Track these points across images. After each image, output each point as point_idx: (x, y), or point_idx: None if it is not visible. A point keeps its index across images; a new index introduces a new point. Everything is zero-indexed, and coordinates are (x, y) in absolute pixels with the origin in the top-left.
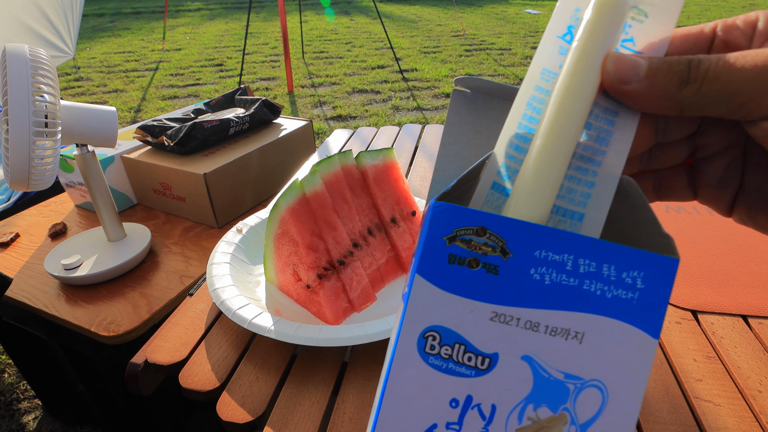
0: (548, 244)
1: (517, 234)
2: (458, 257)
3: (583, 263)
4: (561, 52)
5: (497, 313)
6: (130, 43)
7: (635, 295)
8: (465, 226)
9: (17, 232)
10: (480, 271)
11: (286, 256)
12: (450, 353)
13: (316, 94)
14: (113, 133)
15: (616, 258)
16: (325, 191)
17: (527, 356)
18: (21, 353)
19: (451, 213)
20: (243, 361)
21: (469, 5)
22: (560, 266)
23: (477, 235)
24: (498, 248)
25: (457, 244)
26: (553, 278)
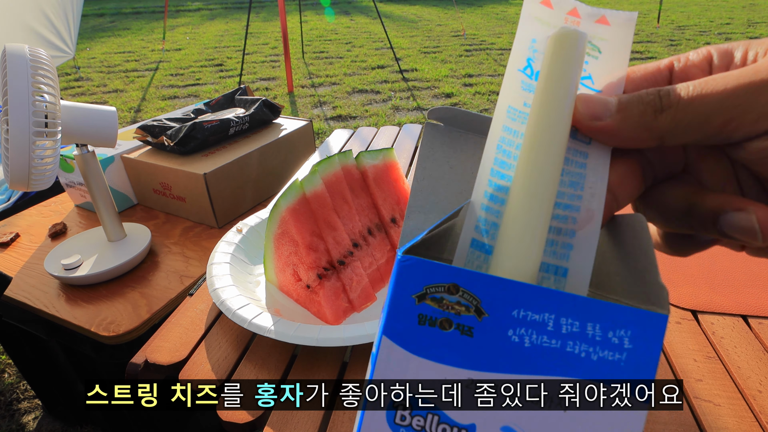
0: (527, 302)
1: (492, 292)
2: (429, 317)
3: (565, 323)
4: (524, 88)
5: (473, 379)
6: (130, 43)
7: (623, 356)
8: (436, 282)
9: (17, 232)
10: (453, 333)
11: (286, 256)
12: (422, 425)
13: (316, 94)
14: (113, 133)
15: (601, 316)
16: (325, 191)
17: (507, 427)
18: (21, 353)
19: (420, 268)
20: (243, 361)
21: (469, 5)
22: (541, 326)
23: (449, 293)
24: (472, 307)
25: (428, 303)
26: (534, 340)
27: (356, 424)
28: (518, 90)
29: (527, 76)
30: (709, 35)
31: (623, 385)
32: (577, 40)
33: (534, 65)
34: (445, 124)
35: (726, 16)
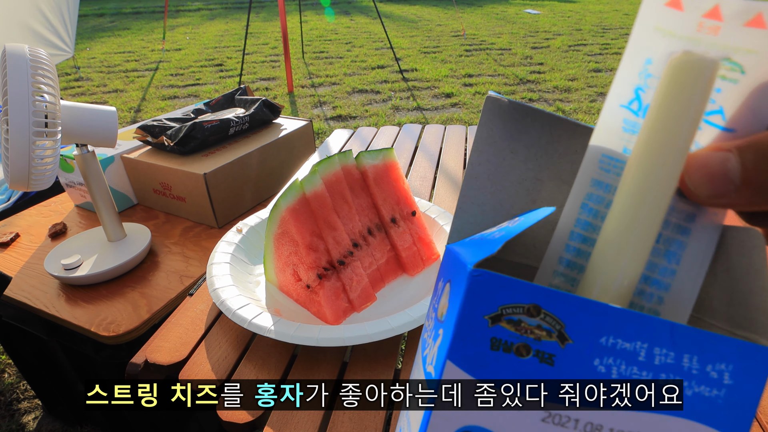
0: (617, 328)
1: (579, 315)
2: (503, 342)
3: (659, 353)
4: (626, 129)
5: (551, 413)
6: (130, 43)
7: (721, 392)
8: (513, 303)
9: (17, 232)
10: (531, 361)
11: (286, 256)
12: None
13: (316, 94)
14: (113, 133)
15: (699, 347)
16: (325, 191)
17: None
18: (21, 353)
19: (495, 285)
20: (243, 361)
21: (469, 5)
22: (631, 356)
23: (528, 315)
24: (555, 332)
25: (503, 325)
26: (622, 371)
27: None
28: (618, 132)
29: (632, 113)
30: None
31: (718, 424)
32: (703, 71)
33: (643, 97)
34: (510, 99)
35: None
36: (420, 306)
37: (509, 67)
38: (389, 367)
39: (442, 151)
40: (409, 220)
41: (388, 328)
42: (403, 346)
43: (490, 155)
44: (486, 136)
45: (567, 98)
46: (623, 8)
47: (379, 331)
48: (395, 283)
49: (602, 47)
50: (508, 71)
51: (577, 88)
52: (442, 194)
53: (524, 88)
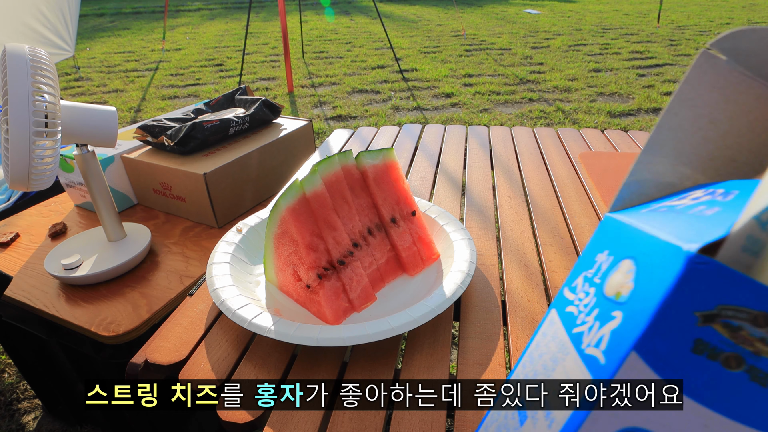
0: None
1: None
2: (711, 347)
3: None
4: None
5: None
6: (130, 43)
7: None
8: (738, 304)
9: (17, 232)
10: (739, 376)
11: (286, 256)
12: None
13: (316, 94)
14: (113, 133)
15: None
16: (325, 191)
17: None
18: (21, 353)
19: (720, 279)
20: (243, 361)
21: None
22: None
23: (754, 324)
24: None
25: (716, 328)
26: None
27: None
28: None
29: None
30: (709, 35)
31: None
32: None
33: None
34: (730, 59)
35: (726, 16)
36: (420, 306)
37: (509, 67)
38: (389, 367)
39: (442, 151)
40: (409, 220)
41: (388, 328)
42: (403, 346)
43: (684, 120)
44: (687, 97)
45: (567, 98)
46: (623, 8)
47: (379, 331)
48: (395, 283)
49: (602, 47)
50: (508, 71)
51: (577, 88)
52: (442, 194)
53: (524, 88)
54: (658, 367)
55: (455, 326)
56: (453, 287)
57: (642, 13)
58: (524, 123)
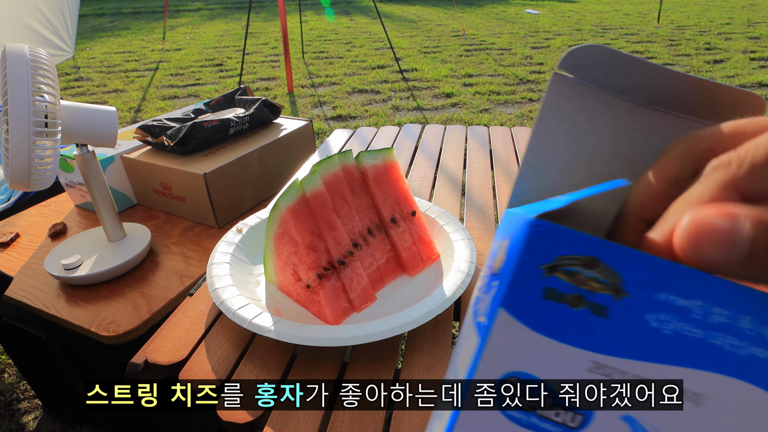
0: (677, 286)
1: (637, 270)
2: (557, 292)
3: (715, 312)
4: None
5: (598, 363)
6: (130, 43)
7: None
8: (571, 254)
9: (17, 232)
10: (583, 312)
11: (286, 256)
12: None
13: (316, 94)
14: (113, 133)
15: (756, 308)
16: (325, 191)
17: (629, 417)
18: (21, 353)
19: (555, 236)
20: (243, 361)
21: (469, 5)
22: (686, 313)
23: (585, 267)
24: (611, 286)
25: (558, 276)
26: (675, 327)
27: (456, 399)
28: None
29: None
30: (709, 35)
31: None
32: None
33: None
34: (576, 77)
35: (726, 16)
36: (420, 306)
37: (509, 67)
38: (389, 367)
39: (442, 151)
40: (409, 220)
41: (388, 328)
42: (403, 346)
43: (554, 126)
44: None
45: None
46: (623, 8)
47: (379, 331)
48: (395, 283)
49: None
50: (508, 71)
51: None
52: (442, 194)
53: (524, 88)
54: (521, 318)
55: (455, 326)
56: (453, 287)
57: (642, 13)
58: (524, 123)
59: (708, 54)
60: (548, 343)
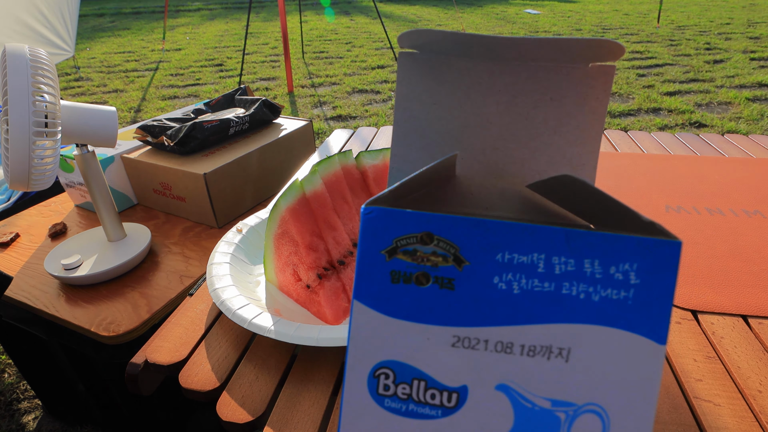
0: (511, 243)
1: (471, 235)
2: (403, 273)
3: (558, 262)
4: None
5: (459, 336)
6: (130, 43)
7: (629, 293)
8: (406, 233)
9: (17, 232)
10: (431, 288)
11: (286, 256)
12: (409, 392)
13: (316, 94)
14: (113, 133)
15: (598, 250)
16: (325, 191)
17: (503, 385)
18: (21, 353)
19: (386, 219)
20: (243, 361)
21: (469, 5)
22: (530, 269)
23: (422, 244)
24: (450, 257)
25: (400, 257)
26: (523, 285)
27: (341, 400)
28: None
29: None
30: (709, 35)
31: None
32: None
33: None
34: (421, 52)
35: (726, 16)
36: None
37: None
38: None
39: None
40: None
41: None
42: None
43: (415, 111)
44: (407, 92)
45: None
46: (623, 8)
47: None
48: None
49: None
50: None
51: None
52: None
53: None
54: (375, 305)
55: None
56: None
57: (642, 13)
58: None
59: (708, 54)
60: (406, 326)
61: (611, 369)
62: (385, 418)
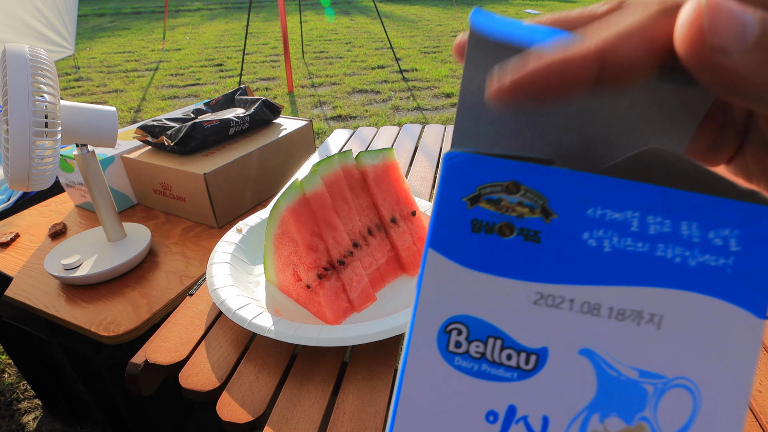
0: (604, 199)
1: (561, 188)
2: (485, 223)
3: (653, 222)
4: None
5: (543, 294)
6: (130, 43)
7: (728, 260)
8: (491, 181)
9: (17, 232)
10: (515, 240)
11: (286, 256)
12: (482, 351)
13: (316, 94)
14: (113, 133)
15: (697, 212)
16: (325, 191)
17: (587, 350)
18: (21, 353)
19: (471, 165)
20: (243, 361)
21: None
22: (623, 227)
23: (508, 193)
24: (537, 208)
25: (482, 206)
26: (615, 244)
27: (401, 357)
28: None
29: None
30: None
31: (730, 296)
32: None
33: None
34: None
35: None
36: None
37: None
38: (389, 367)
39: (442, 151)
40: (409, 220)
41: (388, 328)
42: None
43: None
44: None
45: None
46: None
47: (379, 331)
48: (395, 283)
49: None
50: None
51: None
52: None
53: None
54: (452, 255)
55: None
56: None
57: None
58: None
59: None
60: (485, 279)
61: (706, 341)
62: (454, 378)
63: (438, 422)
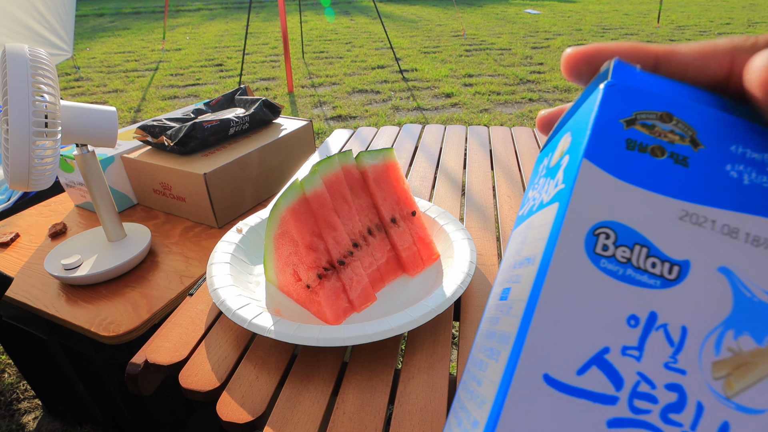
0: (747, 140)
1: (708, 125)
2: (639, 143)
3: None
4: None
5: (687, 211)
6: (130, 43)
7: None
8: (647, 109)
9: (17, 232)
10: (666, 161)
11: (286, 256)
12: (628, 256)
13: (316, 94)
14: (113, 133)
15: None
16: (325, 191)
17: (725, 268)
18: (21, 353)
19: (629, 94)
20: (243, 361)
21: (469, 5)
22: (761, 167)
23: (662, 121)
24: (687, 137)
25: (637, 128)
26: (753, 179)
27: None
28: None
29: None
30: (709, 35)
31: None
32: None
33: None
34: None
35: (726, 16)
36: (420, 306)
37: (509, 67)
38: (389, 367)
39: (442, 151)
40: (409, 220)
41: (388, 328)
42: (403, 346)
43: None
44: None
45: (567, 98)
46: (623, 8)
47: (379, 331)
48: (395, 283)
49: None
50: (508, 71)
51: (577, 89)
52: (442, 194)
53: (524, 88)
54: (606, 167)
55: (455, 326)
56: (453, 287)
57: (642, 13)
58: (524, 123)
59: None
60: (636, 192)
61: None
62: (599, 280)
63: (579, 319)
